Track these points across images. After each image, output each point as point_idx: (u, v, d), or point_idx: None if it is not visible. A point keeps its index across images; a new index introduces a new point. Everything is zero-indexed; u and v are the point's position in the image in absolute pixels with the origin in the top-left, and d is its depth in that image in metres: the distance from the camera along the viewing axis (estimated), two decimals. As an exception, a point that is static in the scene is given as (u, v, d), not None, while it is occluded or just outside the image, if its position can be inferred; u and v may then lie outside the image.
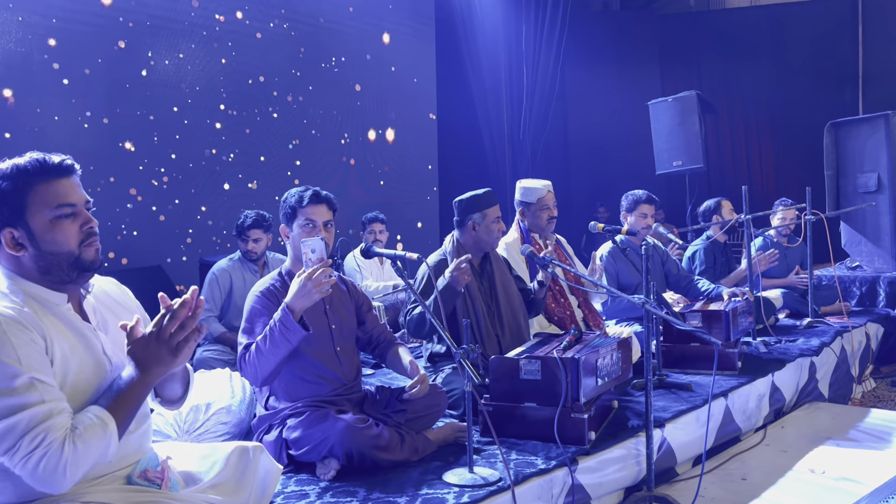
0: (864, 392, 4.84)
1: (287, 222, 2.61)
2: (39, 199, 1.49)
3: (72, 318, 1.56)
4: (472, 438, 2.39)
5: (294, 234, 2.58)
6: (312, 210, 2.55)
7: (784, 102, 9.10)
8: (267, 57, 6.12)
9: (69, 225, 1.52)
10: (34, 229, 1.49)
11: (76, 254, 1.52)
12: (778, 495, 2.90)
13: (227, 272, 4.25)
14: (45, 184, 1.50)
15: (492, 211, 3.30)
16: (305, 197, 2.56)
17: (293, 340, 2.35)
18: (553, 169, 8.27)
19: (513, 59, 8.45)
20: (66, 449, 1.38)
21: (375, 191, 7.07)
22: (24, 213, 1.49)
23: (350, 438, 2.33)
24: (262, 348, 2.37)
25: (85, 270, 1.55)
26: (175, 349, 1.50)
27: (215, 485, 1.68)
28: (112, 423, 1.46)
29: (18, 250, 1.50)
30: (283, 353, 2.37)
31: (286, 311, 2.35)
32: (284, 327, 2.33)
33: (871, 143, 5.96)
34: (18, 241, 1.50)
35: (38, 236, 1.49)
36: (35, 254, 1.50)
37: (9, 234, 1.49)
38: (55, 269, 1.52)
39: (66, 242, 1.51)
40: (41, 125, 4.80)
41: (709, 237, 5.08)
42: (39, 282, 1.52)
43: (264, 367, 2.39)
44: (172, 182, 5.46)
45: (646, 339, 2.74)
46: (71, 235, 1.52)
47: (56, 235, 1.50)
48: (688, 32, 9.51)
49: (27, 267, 1.52)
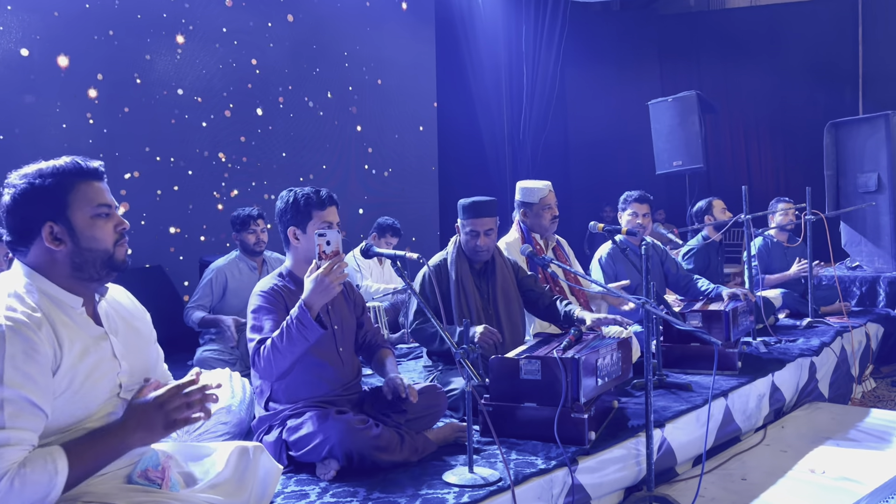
0: (864, 392, 4.84)
1: (298, 224, 2.54)
2: (81, 197, 1.56)
3: (85, 320, 1.58)
4: (472, 438, 2.39)
5: (307, 236, 2.53)
6: (329, 213, 2.53)
7: (784, 102, 9.09)
8: (267, 57, 6.11)
9: (106, 224, 1.59)
10: (75, 225, 1.55)
11: (111, 252, 1.59)
12: (778, 495, 2.90)
13: (223, 270, 4.26)
14: (86, 184, 1.58)
15: (472, 222, 3.21)
16: (323, 199, 2.53)
17: (310, 338, 2.33)
18: (553, 169, 8.27)
19: (513, 59, 8.45)
20: (3, 484, 1.35)
21: (375, 191, 7.06)
22: (67, 210, 1.55)
23: (350, 439, 2.33)
24: (278, 345, 2.35)
25: (114, 269, 1.61)
26: (170, 423, 1.51)
27: (215, 485, 1.68)
28: (63, 473, 1.41)
29: (57, 245, 1.54)
30: (300, 350, 2.36)
31: (303, 308, 2.31)
32: (301, 325, 2.30)
33: (871, 143, 5.97)
34: (58, 236, 1.54)
35: (78, 232, 1.55)
36: (73, 249, 1.55)
37: (49, 229, 1.53)
38: (89, 265, 1.56)
39: (103, 240, 1.58)
40: (41, 125, 4.80)
41: (705, 237, 5.10)
42: (61, 282, 1.55)
43: (280, 363, 2.37)
44: (172, 182, 5.46)
45: (646, 339, 2.74)
46: (108, 233, 1.59)
47: (95, 232, 1.57)
48: (688, 32, 9.51)
49: (59, 263, 1.55)
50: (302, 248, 2.56)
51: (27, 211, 1.53)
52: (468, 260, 3.28)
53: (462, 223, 3.26)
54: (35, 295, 1.51)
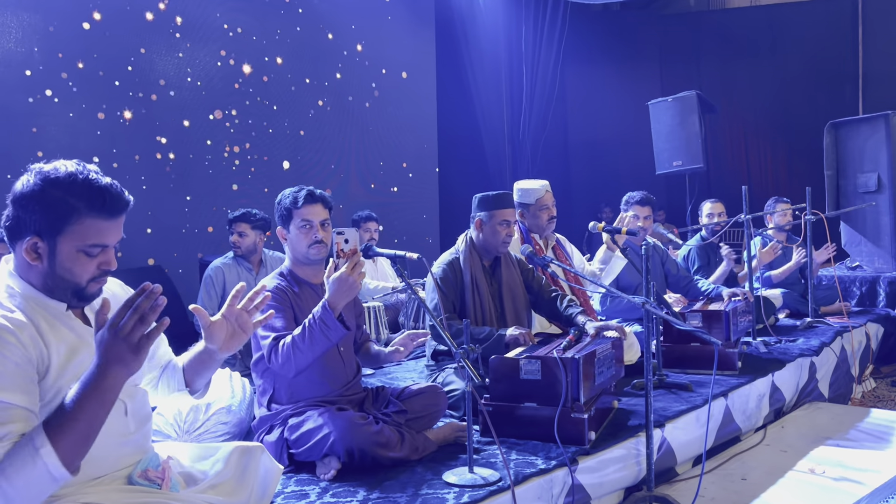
0: (864, 392, 4.84)
1: (284, 224, 2.59)
2: (79, 231, 1.46)
3: (72, 322, 1.55)
4: (472, 438, 2.39)
5: (291, 236, 2.57)
6: (308, 210, 2.53)
7: (784, 102, 9.09)
8: (267, 57, 6.11)
9: (89, 262, 1.50)
10: (58, 251, 1.47)
11: (83, 286, 1.51)
12: (778, 495, 2.90)
13: (220, 270, 4.27)
14: (93, 220, 1.47)
15: (500, 213, 3.23)
16: (300, 197, 2.54)
17: (333, 338, 2.35)
18: (553, 169, 8.27)
19: (513, 59, 8.45)
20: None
21: (375, 191, 7.07)
22: (58, 235, 1.46)
23: (351, 435, 2.33)
24: (299, 344, 2.36)
25: (82, 300, 1.54)
26: (135, 347, 1.35)
27: (215, 485, 1.67)
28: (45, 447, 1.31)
29: (33, 259, 1.47)
30: (321, 350, 2.38)
31: (328, 309, 2.33)
32: (325, 325, 2.32)
33: (871, 143, 5.97)
34: (38, 251, 1.47)
35: (57, 258, 1.47)
36: (47, 270, 1.48)
37: (32, 243, 1.47)
38: (58, 290, 1.50)
39: (79, 275, 1.49)
40: (41, 124, 4.80)
41: (703, 238, 5.14)
42: (42, 289, 1.51)
43: (300, 361, 2.38)
44: (172, 181, 5.46)
45: (646, 339, 2.74)
46: (86, 271, 1.50)
47: (74, 266, 1.48)
48: (688, 32, 9.50)
49: (34, 275, 1.50)
50: (292, 245, 2.59)
51: (24, 214, 1.46)
52: (479, 257, 3.29)
53: (486, 216, 3.25)
54: (17, 298, 1.48)
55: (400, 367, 4.23)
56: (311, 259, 2.58)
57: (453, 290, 3.18)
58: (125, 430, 1.62)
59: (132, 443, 1.64)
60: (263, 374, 2.57)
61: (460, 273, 3.22)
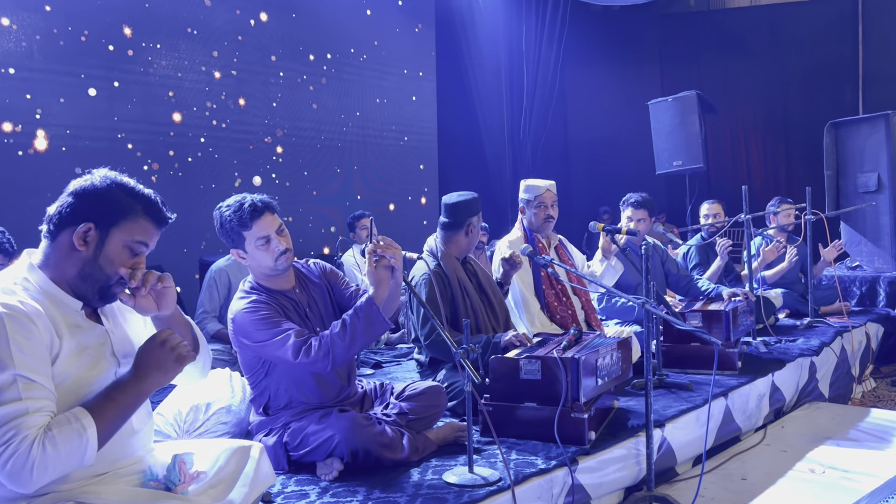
0: (864, 392, 4.84)
1: (236, 246, 2.42)
2: (131, 228, 1.60)
3: (83, 320, 1.58)
4: (472, 438, 2.39)
5: (251, 256, 2.41)
6: (259, 227, 2.36)
7: (784, 102, 9.09)
8: (266, 57, 6.11)
9: (128, 259, 1.60)
10: (108, 242, 1.57)
11: (111, 283, 1.59)
12: (778, 495, 2.90)
13: (224, 271, 4.24)
14: (146, 222, 1.62)
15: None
16: (245, 216, 2.35)
17: (376, 334, 2.39)
18: (553, 169, 8.26)
19: (513, 59, 8.45)
20: (35, 450, 1.36)
21: (375, 191, 7.06)
22: (113, 226, 1.58)
23: (355, 435, 2.33)
24: (338, 342, 2.30)
25: (103, 299, 1.61)
26: (179, 358, 1.55)
27: (215, 484, 1.68)
28: (92, 428, 1.44)
29: (81, 245, 1.55)
30: (362, 346, 2.37)
31: (375, 307, 2.32)
32: (370, 322, 2.32)
33: (871, 143, 5.97)
34: (87, 240, 1.55)
35: (104, 249, 1.57)
36: (89, 259, 1.56)
37: (86, 229, 1.55)
38: (89, 281, 1.57)
39: (114, 270, 1.58)
40: (41, 123, 4.80)
41: (703, 238, 5.16)
42: (64, 284, 1.56)
43: (343, 356, 2.33)
44: (172, 181, 5.46)
45: (646, 339, 2.74)
46: (122, 267, 1.59)
47: (116, 258, 1.58)
48: (688, 32, 9.50)
49: (71, 264, 1.55)
50: (254, 262, 2.44)
51: (84, 203, 1.56)
52: (455, 258, 3.29)
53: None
54: (32, 291, 1.52)
55: (400, 366, 4.23)
56: (280, 270, 2.45)
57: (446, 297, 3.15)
58: (129, 429, 1.64)
59: (134, 442, 1.67)
60: (257, 383, 2.54)
61: (445, 278, 3.21)
